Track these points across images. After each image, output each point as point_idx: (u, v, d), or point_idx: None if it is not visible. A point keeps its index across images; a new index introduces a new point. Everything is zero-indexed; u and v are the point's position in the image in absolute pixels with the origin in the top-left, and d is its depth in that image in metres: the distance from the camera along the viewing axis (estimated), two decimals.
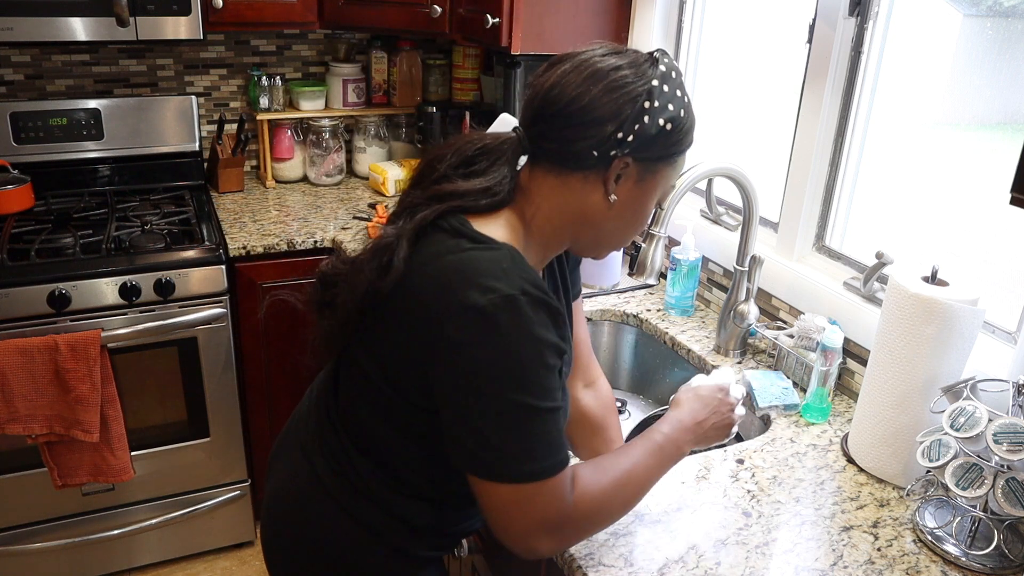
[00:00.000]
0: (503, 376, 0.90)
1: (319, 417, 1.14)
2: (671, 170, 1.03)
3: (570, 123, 0.96)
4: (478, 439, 0.91)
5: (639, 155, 0.97)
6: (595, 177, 0.98)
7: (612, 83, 0.95)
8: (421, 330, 0.94)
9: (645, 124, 0.95)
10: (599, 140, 0.95)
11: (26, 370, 1.91)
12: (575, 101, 0.95)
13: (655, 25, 2.01)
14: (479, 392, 0.90)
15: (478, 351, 0.89)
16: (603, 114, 0.95)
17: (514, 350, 0.89)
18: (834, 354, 1.42)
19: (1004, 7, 1.43)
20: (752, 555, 1.12)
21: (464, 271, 0.92)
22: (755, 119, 1.98)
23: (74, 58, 2.42)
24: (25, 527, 2.14)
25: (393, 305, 0.97)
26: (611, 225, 1.03)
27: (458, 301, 0.90)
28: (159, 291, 2.03)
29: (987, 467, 1.10)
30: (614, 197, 0.99)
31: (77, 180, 2.44)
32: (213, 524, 2.36)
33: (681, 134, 0.99)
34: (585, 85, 0.95)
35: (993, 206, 1.42)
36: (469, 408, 0.91)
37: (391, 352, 1.00)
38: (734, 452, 1.36)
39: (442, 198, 0.99)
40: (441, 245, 0.96)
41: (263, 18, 2.28)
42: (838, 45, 1.55)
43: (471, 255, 0.93)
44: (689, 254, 1.79)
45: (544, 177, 1.01)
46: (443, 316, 0.91)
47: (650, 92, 0.96)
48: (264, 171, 2.65)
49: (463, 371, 0.90)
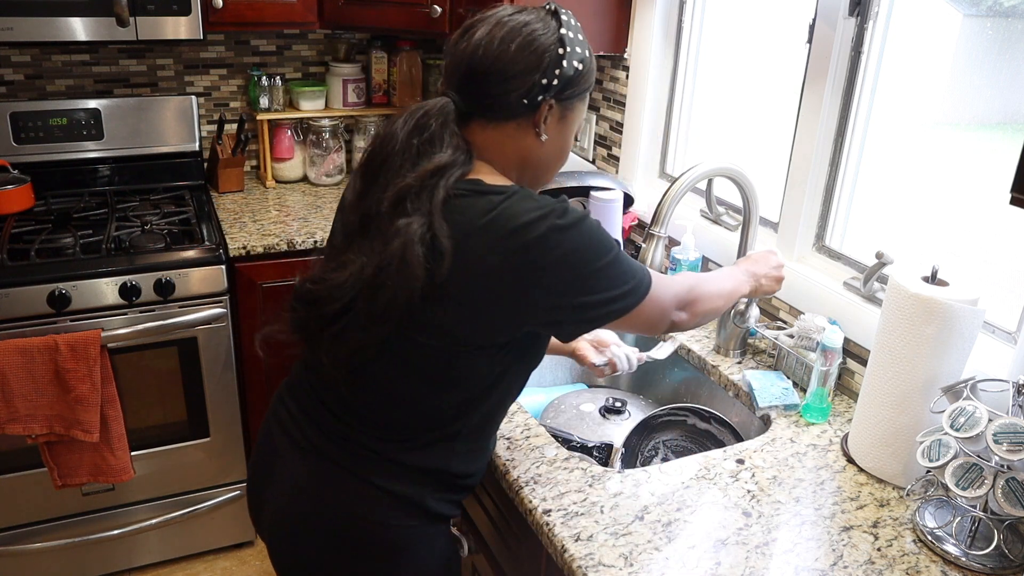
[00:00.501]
0: (591, 256, 1.06)
1: (316, 417, 1.17)
2: (583, 104, 1.18)
3: (499, 80, 1.08)
4: (602, 304, 1.08)
5: (559, 96, 1.11)
6: (526, 122, 1.12)
7: (528, 38, 1.08)
8: (504, 282, 1.03)
9: (564, 68, 1.09)
10: (527, 89, 1.08)
11: (26, 370, 1.91)
12: (499, 59, 1.07)
13: (655, 25, 2.01)
14: (585, 279, 1.05)
15: (566, 256, 1.03)
16: (526, 66, 1.07)
17: (584, 235, 1.05)
18: (834, 354, 1.42)
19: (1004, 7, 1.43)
20: (752, 555, 1.12)
21: (514, 217, 1.03)
22: (755, 119, 1.98)
23: (74, 58, 2.42)
24: (25, 527, 2.14)
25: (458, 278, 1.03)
26: (544, 162, 1.17)
27: (530, 237, 1.02)
28: (159, 291, 2.03)
29: (987, 467, 1.10)
30: (545, 136, 1.13)
31: (77, 180, 2.44)
32: (213, 524, 2.36)
33: (590, 72, 1.14)
34: (505, 44, 1.07)
35: (993, 206, 1.42)
36: (585, 294, 1.06)
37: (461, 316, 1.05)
38: (734, 452, 1.36)
39: (437, 172, 1.06)
40: (476, 208, 1.04)
41: (263, 18, 2.28)
42: (838, 45, 1.55)
43: (508, 204, 1.04)
44: (689, 254, 1.79)
45: (482, 131, 1.12)
46: (523, 256, 1.02)
47: (561, 40, 1.09)
48: (264, 171, 2.65)
49: (565, 277, 1.04)
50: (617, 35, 2.10)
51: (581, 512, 1.18)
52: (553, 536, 1.14)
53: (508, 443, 1.34)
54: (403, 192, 1.05)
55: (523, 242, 1.02)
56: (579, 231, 1.05)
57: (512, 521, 1.34)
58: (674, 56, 2.04)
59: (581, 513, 1.18)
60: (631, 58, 2.11)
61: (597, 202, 1.91)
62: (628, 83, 2.13)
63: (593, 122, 2.30)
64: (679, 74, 2.05)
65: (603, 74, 2.25)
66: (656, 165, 2.15)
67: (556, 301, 1.06)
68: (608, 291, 1.09)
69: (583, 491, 1.23)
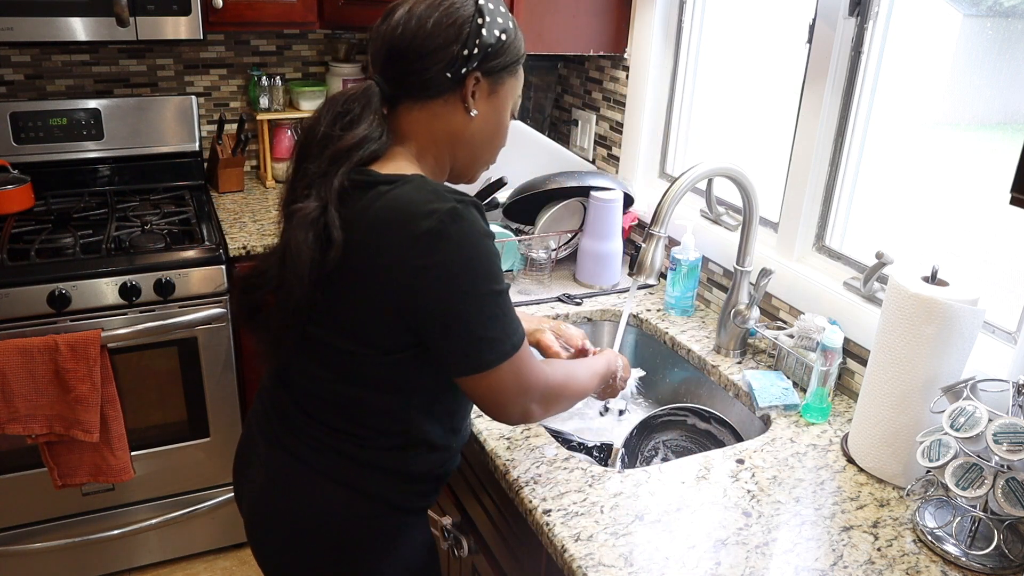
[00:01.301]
0: (473, 277, 1.00)
1: (281, 411, 1.18)
2: (515, 80, 1.16)
3: (419, 55, 1.06)
4: (470, 339, 1.02)
5: (485, 68, 1.10)
6: (453, 98, 1.10)
7: (445, 11, 1.07)
8: (382, 279, 1.01)
9: (484, 36, 1.07)
10: (448, 62, 1.07)
11: (26, 370, 1.91)
12: (417, 35, 1.06)
13: (655, 25, 2.01)
14: (458, 299, 1.00)
15: (445, 268, 0.99)
16: (445, 39, 1.06)
17: (472, 252, 1.00)
18: (834, 354, 1.42)
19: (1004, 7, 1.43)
20: (752, 555, 1.12)
21: (399, 209, 1.00)
22: (755, 119, 1.98)
23: (74, 58, 2.42)
24: (25, 527, 2.14)
25: (347, 272, 1.02)
26: (478, 139, 1.15)
27: (408, 235, 0.98)
28: (159, 291, 2.03)
29: (987, 467, 1.10)
30: (475, 111, 1.11)
31: (77, 180, 2.44)
32: (213, 524, 2.36)
33: (516, 43, 1.13)
34: (422, 20, 1.06)
35: (993, 206, 1.42)
36: (454, 317, 1.01)
37: (357, 314, 1.05)
38: (734, 452, 1.36)
39: (338, 157, 1.04)
40: (363, 200, 1.02)
41: (263, 18, 2.28)
42: (838, 45, 1.55)
43: (395, 194, 1.01)
44: (689, 254, 1.79)
45: (409, 113, 1.11)
46: (401, 255, 0.99)
47: (480, 10, 1.07)
48: (264, 171, 2.65)
49: (438, 289, 0.99)
50: (617, 35, 2.10)
51: (581, 512, 1.18)
52: (553, 536, 1.14)
53: (508, 443, 1.34)
54: (311, 179, 1.05)
55: (401, 241, 0.99)
56: (470, 244, 0.99)
57: (512, 521, 1.34)
58: (674, 56, 2.04)
59: (581, 513, 1.18)
60: (631, 58, 2.11)
61: (597, 202, 1.91)
62: (628, 83, 2.13)
63: (593, 122, 2.30)
64: (679, 74, 2.05)
65: (603, 74, 2.25)
66: (656, 165, 2.15)
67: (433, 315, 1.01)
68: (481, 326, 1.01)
69: (583, 491, 1.23)
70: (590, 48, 2.10)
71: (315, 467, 1.14)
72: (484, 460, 1.35)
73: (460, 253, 0.99)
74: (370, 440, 1.13)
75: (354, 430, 1.12)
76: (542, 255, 1.95)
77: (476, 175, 1.23)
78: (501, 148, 1.22)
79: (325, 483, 1.14)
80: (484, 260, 1.01)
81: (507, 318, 1.05)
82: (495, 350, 1.03)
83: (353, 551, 1.16)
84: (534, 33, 2.01)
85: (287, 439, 1.17)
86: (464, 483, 1.52)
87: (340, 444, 1.13)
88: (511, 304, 1.06)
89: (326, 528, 1.15)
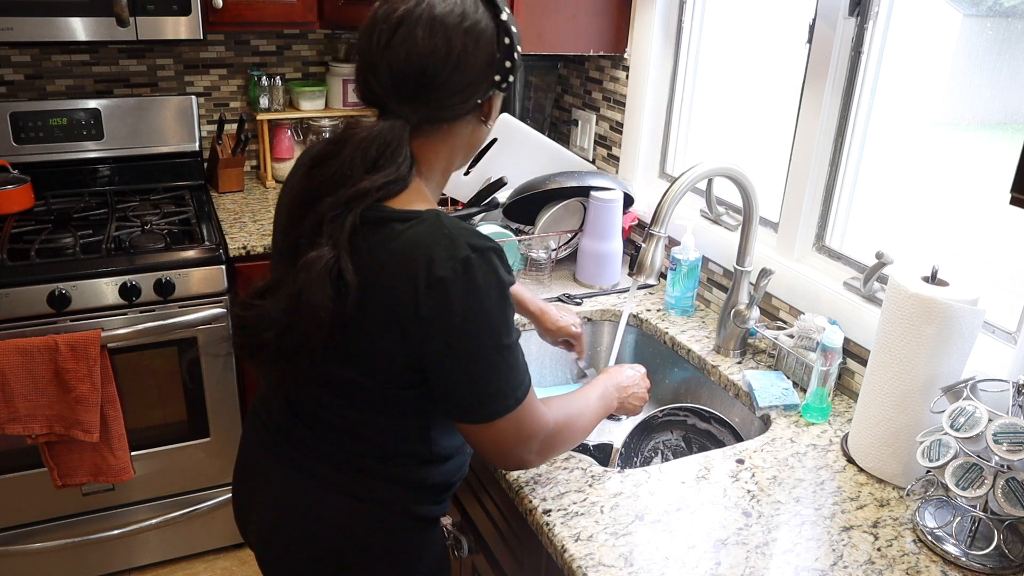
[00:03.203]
0: (480, 330, 0.98)
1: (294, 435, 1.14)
2: None
3: (455, 86, 1.00)
4: (471, 390, 1.00)
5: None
6: (476, 114, 1.07)
7: (470, 32, 0.99)
8: (391, 321, 0.98)
9: (514, 58, 1.04)
10: (485, 88, 1.04)
11: (26, 370, 1.91)
12: (448, 63, 0.98)
13: (655, 25, 2.01)
14: (464, 350, 0.98)
15: (452, 318, 0.96)
16: (479, 64, 1.01)
17: (482, 305, 0.97)
18: (834, 354, 1.42)
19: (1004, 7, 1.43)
20: (752, 555, 1.12)
21: (412, 254, 0.96)
22: (755, 119, 1.98)
23: (74, 58, 2.42)
24: (25, 527, 2.14)
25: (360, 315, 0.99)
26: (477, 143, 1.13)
27: (421, 282, 0.95)
28: (159, 291, 2.03)
29: (987, 467, 1.10)
30: (491, 124, 1.11)
31: (77, 180, 2.44)
32: (213, 524, 2.36)
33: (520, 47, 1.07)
34: (448, 44, 0.98)
35: (993, 206, 1.42)
36: (457, 366, 0.99)
37: (369, 351, 1.02)
38: (734, 452, 1.36)
39: (357, 198, 0.98)
40: (375, 237, 0.99)
41: (263, 18, 2.28)
42: (838, 45, 1.55)
43: (409, 236, 0.98)
44: (689, 254, 1.79)
45: (430, 137, 1.06)
46: (411, 301, 0.96)
47: (503, 27, 1.03)
48: (264, 171, 2.65)
49: (444, 341, 0.98)
50: (617, 35, 2.10)
51: (581, 512, 1.18)
52: (553, 536, 1.14)
53: None
54: (319, 218, 0.98)
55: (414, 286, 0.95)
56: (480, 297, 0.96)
57: (512, 521, 1.34)
58: (674, 56, 2.04)
59: (581, 513, 1.18)
60: (631, 58, 2.11)
61: (597, 202, 1.91)
62: (628, 83, 2.13)
63: (593, 122, 2.30)
64: (679, 74, 2.05)
65: (603, 74, 2.25)
66: (656, 165, 2.15)
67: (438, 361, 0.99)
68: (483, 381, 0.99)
69: (583, 491, 1.23)
70: (590, 48, 2.10)
71: (330, 483, 1.11)
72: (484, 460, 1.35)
73: (468, 307, 0.96)
74: (390, 458, 1.11)
75: (373, 451, 1.11)
76: (542, 255, 1.95)
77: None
78: None
79: (346, 500, 1.11)
80: (493, 314, 0.98)
81: (513, 371, 1.02)
82: (497, 403, 1.01)
83: (377, 565, 1.15)
84: (534, 33, 2.01)
85: (302, 460, 1.13)
86: (464, 483, 1.52)
87: (360, 462, 1.11)
88: (520, 354, 1.03)
89: (350, 544, 1.13)
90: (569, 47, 2.08)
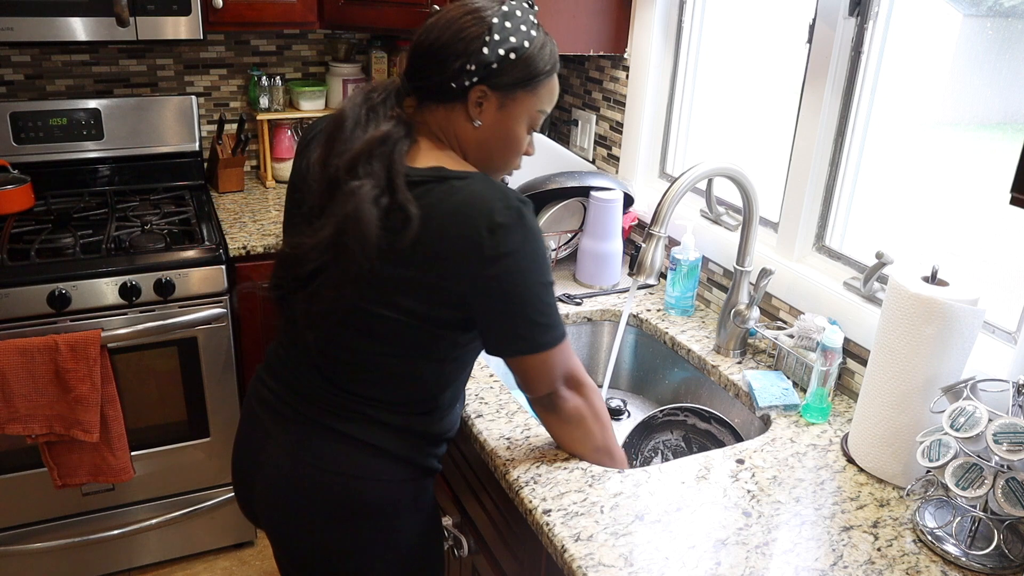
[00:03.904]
0: (535, 269, 1.10)
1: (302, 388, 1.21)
2: (531, 96, 1.18)
3: (430, 62, 1.14)
4: (526, 323, 1.12)
5: (492, 83, 1.14)
6: (460, 107, 1.15)
7: (459, 26, 1.12)
8: (457, 261, 1.07)
9: (484, 55, 1.11)
10: (451, 73, 1.12)
11: (26, 370, 1.91)
12: (432, 44, 1.13)
13: (655, 25, 2.01)
14: (523, 287, 1.10)
15: (513, 258, 1.08)
16: (452, 52, 1.12)
17: (534, 247, 1.10)
18: (834, 354, 1.42)
19: (1004, 7, 1.43)
20: (752, 555, 1.12)
21: (477, 202, 1.07)
22: (755, 119, 1.98)
23: (74, 58, 2.42)
24: (25, 527, 2.14)
25: (418, 252, 1.07)
26: (486, 148, 1.19)
27: (487, 225, 1.06)
28: (159, 291, 2.03)
29: (987, 467, 1.10)
30: (478, 123, 1.16)
31: (77, 180, 2.44)
32: (213, 524, 2.36)
33: (532, 61, 1.15)
34: (439, 30, 1.13)
35: (993, 206, 1.42)
36: (516, 303, 1.10)
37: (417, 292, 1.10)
38: (734, 452, 1.36)
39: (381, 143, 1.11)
40: (439, 192, 1.09)
41: (263, 18, 2.28)
42: (838, 45, 1.55)
43: (472, 188, 1.08)
44: (689, 254, 1.79)
45: (432, 112, 1.17)
46: (478, 243, 1.06)
47: (490, 28, 1.11)
48: (264, 171, 2.65)
49: (505, 277, 1.08)
50: (617, 35, 2.10)
51: (581, 512, 1.18)
52: (553, 536, 1.14)
53: (508, 443, 1.34)
54: (355, 157, 1.10)
55: (479, 230, 1.06)
56: (532, 240, 1.09)
57: (512, 521, 1.34)
58: (674, 56, 2.04)
59: (581, 513, 1.18)
60: (631, 58, 2.11)
61: (597, 202, 1.91)
62: (628, 83, 2.13)
63: (593, 122, 2.30)
64: (679, 74, 2.05)
65: (603, 74, 2.25)
66: (656, 165, 2.15)
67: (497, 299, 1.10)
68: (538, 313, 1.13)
69: (583, 491, 1.23)
70: (590, 48, 2.10)
71: (346, 433, 1.18)
72: (484, 460, 1.35)
73: (528, 246, 1.08)
74: (402, 406, 1.19)
75: (388, 397, 1.18)
76: None
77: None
78: (516, 160, 1.24)
79: (358, 446, 1.18)
80: (544, 254, 1.12)
81: (555, 308, 1.15)
82: (548, 334, 1.14)
83: (381, 513, 1.20)
84: None
85: (311, 412, 1.19)
86: (464, 483, 1.52)
87: (371, 411, 1.18)
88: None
89: (356, 492, 1.18)
90: (569, 47, 2.08)
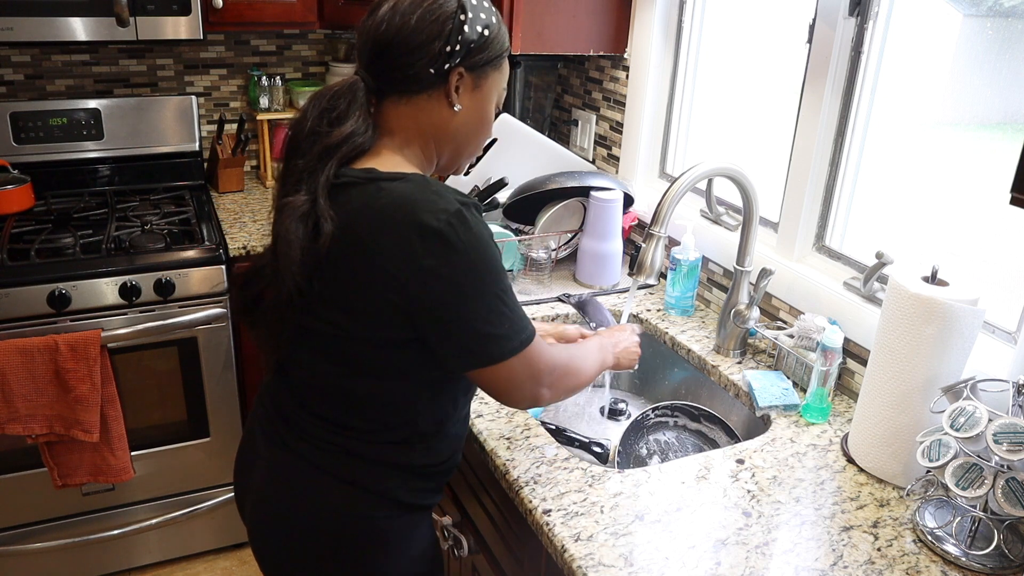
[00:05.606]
0: (485, 275, 1.03)
1: (284, 412, 1.19)
2: (499, 74, 1.16)
3: (404, 52, 1.08)
4: (478, 336, 1.04)
5: (468, 64, 1.11)
6: (438, 93, 1.11)
7: (428, 7, 1.08)
8: (389, 272, 1.01)
9: (466, 33, 1.08)
10: (431, 58, 1.08)
11: (26, 370, 1.91)
12: (401, 31, 1.07)
13: (655, 25, 2.01)
14: (467, 299, 1.02)
15: (453, 268, 1.00)
16: (428, 35, 1.07)
17: (479, 254, 1.02)
18: (834, 354, 1.42)
19: (1004, 7, 1.43)
20: (752, 555, 1.12)
21: (403, 205, 1.01)
22: (755, 119, 1.98)
23: (74, 58, 2.42)
24: (25, 527, 2.14)
25: (344, 264, 1.04)
26: (462, 133, 1.16)
27: (414, 232, 1.00)
28: (159, 291, 2.03)
29: (987, 467, 1.10)
30: (459, 106, 1.12)
31: (77, 180, 2.44)
32: (213, 524, 2.36)
33: (499, 38, 1.14)
34: (406, 15, 1.08)
35: (993, 206, 1.42)
36: (462, 315, 1.03)
37: (356, 306, 1.06)
38: (734, 452, 1.36)
39: (327, 152, 1.06)
40: (364, 195, 1.04)
41: (263, 18, 2.28)
42: (838, 45, 1.55)
43: (400, 191, 1.03)
44: (689, 254, 1.79)
45: (395, 108, 1.12)
46: (405, 252, 1.00)
47: (462, 6, 1.09)
48: (264, 171, 2.65)
49: (446, 289, 1.01)
50: (617, 35, 2.10)
51: (581, 512, 1.18)
52: (553, 536, 1.14)
53: (508, 443, 1.34)
54: (299, 174, 1.07)
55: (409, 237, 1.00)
56: (477, 246, 1.01)
57: (512, 521, 1.34)
58: (674, 56, 2.04)
59: (581, 513, 1.18)
60: (631, 58, 2.11)
61: (597, 202, 1.91)
62: (628, 83, 2.13)
63: (593, 122, 2.30)
64: (679, 74, 2.05)
65: (603, 74, 2.25)
66: (656, 165, 2.15)
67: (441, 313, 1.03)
68: (488, 324, 1.04)
69: (583, 491, 1.23)
70: (590, 48, 2.10)
71: (319, 465, 1.14)
72: (484, 460, 1.35)
73: (467, 257, 1.01)
74: (375, 434, 1.13)
75: (358, 424, 1.13)
76: (542, 255, 1.95)
77: (462, 167, 1.26)
78: (486, 140, 1.23)
79: (330, 481, 1.14)
80: (489, 263, 1.03)
81: (516, 312, 1.07)
82: (508, 342, 1.06)
83: (358, 551, 1.16)
84: (534, 33, 2.01)
85: (289, 439, 1.17)
86: (464, 483, 1.52)
87: (344, 441, 1.13)
88: (516, 300, 1.08)
89: (331, 527, 1.15)
90: (569, 47, 2.08)
